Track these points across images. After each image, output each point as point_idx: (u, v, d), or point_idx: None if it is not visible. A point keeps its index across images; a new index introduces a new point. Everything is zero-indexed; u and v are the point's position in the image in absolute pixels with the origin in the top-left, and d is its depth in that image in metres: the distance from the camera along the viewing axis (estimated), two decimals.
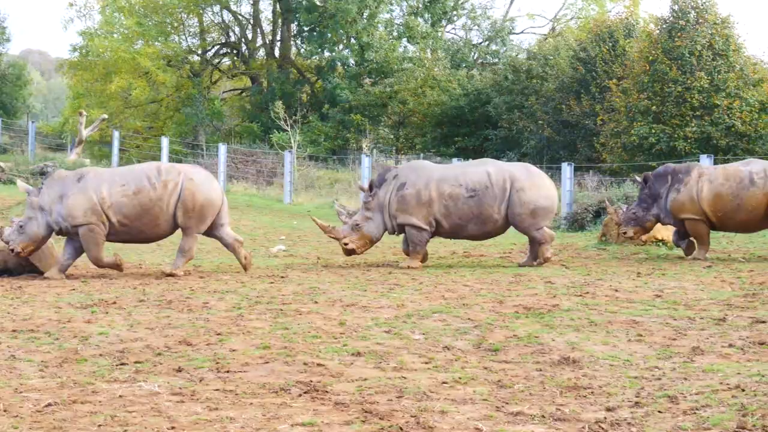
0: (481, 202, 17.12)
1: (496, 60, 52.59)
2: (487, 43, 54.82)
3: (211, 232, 16.83)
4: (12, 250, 16.28)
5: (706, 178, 17.95)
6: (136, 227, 16.34)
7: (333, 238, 18.46)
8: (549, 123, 40.08)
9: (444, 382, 9.15)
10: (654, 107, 33.34)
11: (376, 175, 18.92)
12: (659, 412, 8.15)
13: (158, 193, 16.15)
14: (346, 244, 17.82)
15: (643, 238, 19.61)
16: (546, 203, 17.30)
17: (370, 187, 18.16)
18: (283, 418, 8.06)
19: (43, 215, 16.28)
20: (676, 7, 34.56)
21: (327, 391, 8.86)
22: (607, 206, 20.11)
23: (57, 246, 17.39)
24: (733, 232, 19.73)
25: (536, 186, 17.36)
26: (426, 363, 9.94)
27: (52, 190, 16.39)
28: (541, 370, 9.62)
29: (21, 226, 16.28)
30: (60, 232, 16.52)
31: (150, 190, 16.14)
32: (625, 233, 19.03)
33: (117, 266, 16.60)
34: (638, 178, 19.27)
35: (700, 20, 34.14)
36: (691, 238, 18.39)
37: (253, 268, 17.63)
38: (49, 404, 8.49)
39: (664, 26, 34.92)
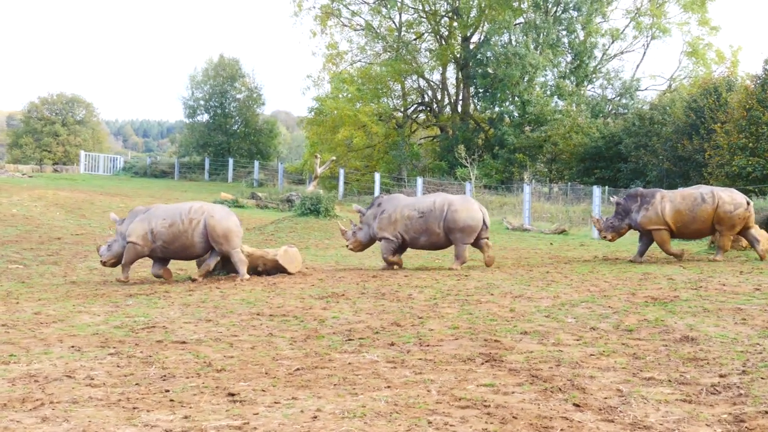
0: (427, 220, 17.62)
1: (626, 111, 51.51)
2: (619, 97, 53.75)
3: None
4: (102, 262, 16.95)
5: (667, 200, 18.28)
6: (172, 249, 16.53)
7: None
8: (667, 158, 39.13)
9: (591, 355, 9.00)
10: (750, 144, 32.31)
11: (371, 201, 19.79)
12: (762, 378, 7.89)
13: (185, 226, 16.35)
14: (347, 245, 18.93)
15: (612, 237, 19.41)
16: (471, 223, 17.57)
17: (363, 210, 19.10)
18: (470, 380, 8.04)
19: (123, 239, 16.71)
20: (767, 66, 33.56)
21: (502, 361, 8.80)
22: (593, 218, 20.29)
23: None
24: (688, 239, 19.68)
25: (466, 210, 17.66)
26: (577, 340, 9.80)
27: (129, 220, 16.80)
28: (666, 345, 9.39)
29: (109, 246, 16.85)
30: None
31: (179, 224, 16.37)
32: (605, 237, 19.24)
33: (124, 281, 16.60)
34: (613, 199, 19.59)
35: None
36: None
37: (444, 269, 17.66)
38: (298, 369, 8.62)
39: (758, 81, 33.79)
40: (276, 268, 16.96)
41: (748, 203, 18.20)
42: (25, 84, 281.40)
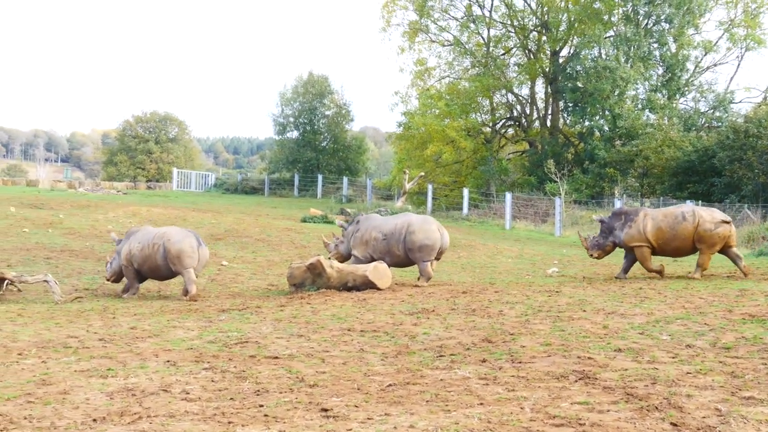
0: (389, 242, 18.40)
1: (720, 124, 50.63)
2: (712, 110, 52.87)
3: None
4: (106, 278, 18.33)
5: (649, 218, 18.54)
6: (146, 270, 17.64)
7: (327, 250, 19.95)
8: (763, 171, 38.38)
9: (688, 373, 8.83)
10: None
11: (351, 218, 20.88)
12: None
13: (151, 250, 17.46)
14: (329, 257, 19.34)
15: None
16: (428, 243, 18.13)
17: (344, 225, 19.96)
18: (564, 398, 7.95)
19: (119, 258, 17.94)
20: None
21: (597, 378, 8.69)
22: (579, 236, 20.63)
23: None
24: (670, 256, 19.47)
25: (423, 230, 18.22)
26: (673, 357, 9.62)
27: (124, 242, 18.10)
28: (766, 364, 9.15)
29: (110, 263, 18.22)
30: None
31: (147, 247, 17.50)
32: (592, 255, 19.46)
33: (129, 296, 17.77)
34: (595, 218, 19.92)
35: None
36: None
37: (536, 285, 17.52)
38: (390, 385, 8.62)
39: None
40: (366, 284, 17.03)
41: (729, 222, 18.42)
42: (120, 103, 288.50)
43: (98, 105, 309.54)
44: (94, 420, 7.46)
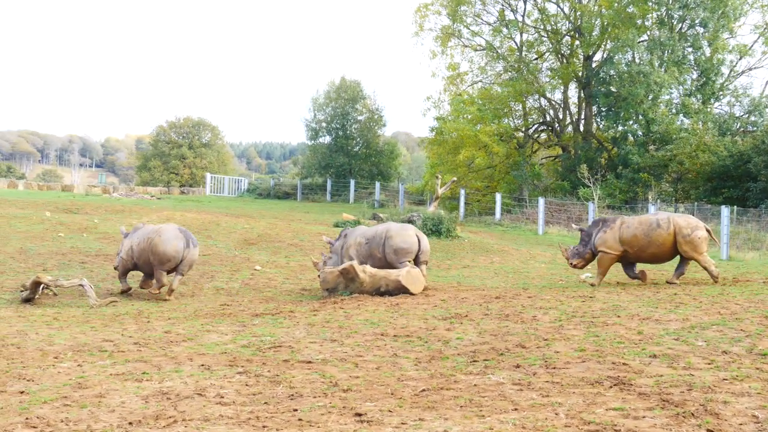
0: (370, 247, 19.20)
1: (755, 128, 50.12)
2: (747, 115, 52.31)
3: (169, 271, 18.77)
4: (114, 267, 19.43)
5: (626, 225, 18.75)
6: (141, 263, 18.72)
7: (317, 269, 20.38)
8: None
9: (724, 379, 8.76)
10: None
11: (339, 233, 21.62)
12: None
13: (145, 244, 18.54)
14: (319, 274, 19.21)
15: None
16: (404, 246, 18.82)
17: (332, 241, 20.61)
18: (599, 404, 7.91)
19: (123, 251, 19.05)
20: None
21: (632, 384, 8.64)
22: (560, 247, 20.77)
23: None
24: (647, 263, 19.24)
25: (400, 235, 19.00)
26: (709, 364, 9.55)
27: (130, 235, 19.21)
28: None
29: (118, 253, 19.27)
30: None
31: (143, 242, 18.58)
32: (571, 264, 19.54)
33: (125, 291, 18.98)
34: (575, 226, 19.84)
35: None
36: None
37: (570, 290, 17.45)
38: (424, 390, 8.62)
39: None
40: (399, 289, 17.04)
41: (708, 230, 18.57)
42: (154, 108, 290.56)
43: (132, 110, 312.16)
44: (130, 423, 7.51)
